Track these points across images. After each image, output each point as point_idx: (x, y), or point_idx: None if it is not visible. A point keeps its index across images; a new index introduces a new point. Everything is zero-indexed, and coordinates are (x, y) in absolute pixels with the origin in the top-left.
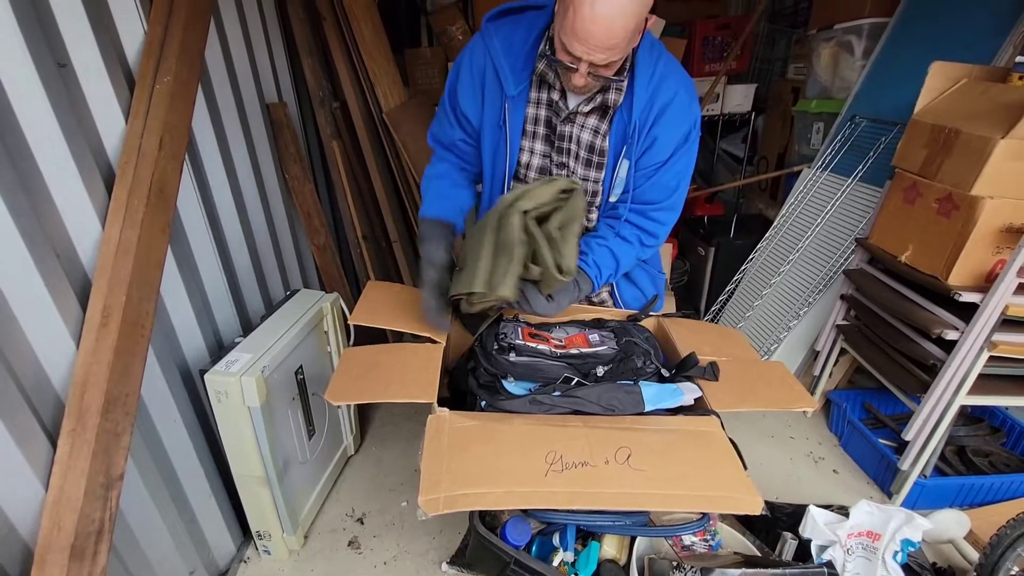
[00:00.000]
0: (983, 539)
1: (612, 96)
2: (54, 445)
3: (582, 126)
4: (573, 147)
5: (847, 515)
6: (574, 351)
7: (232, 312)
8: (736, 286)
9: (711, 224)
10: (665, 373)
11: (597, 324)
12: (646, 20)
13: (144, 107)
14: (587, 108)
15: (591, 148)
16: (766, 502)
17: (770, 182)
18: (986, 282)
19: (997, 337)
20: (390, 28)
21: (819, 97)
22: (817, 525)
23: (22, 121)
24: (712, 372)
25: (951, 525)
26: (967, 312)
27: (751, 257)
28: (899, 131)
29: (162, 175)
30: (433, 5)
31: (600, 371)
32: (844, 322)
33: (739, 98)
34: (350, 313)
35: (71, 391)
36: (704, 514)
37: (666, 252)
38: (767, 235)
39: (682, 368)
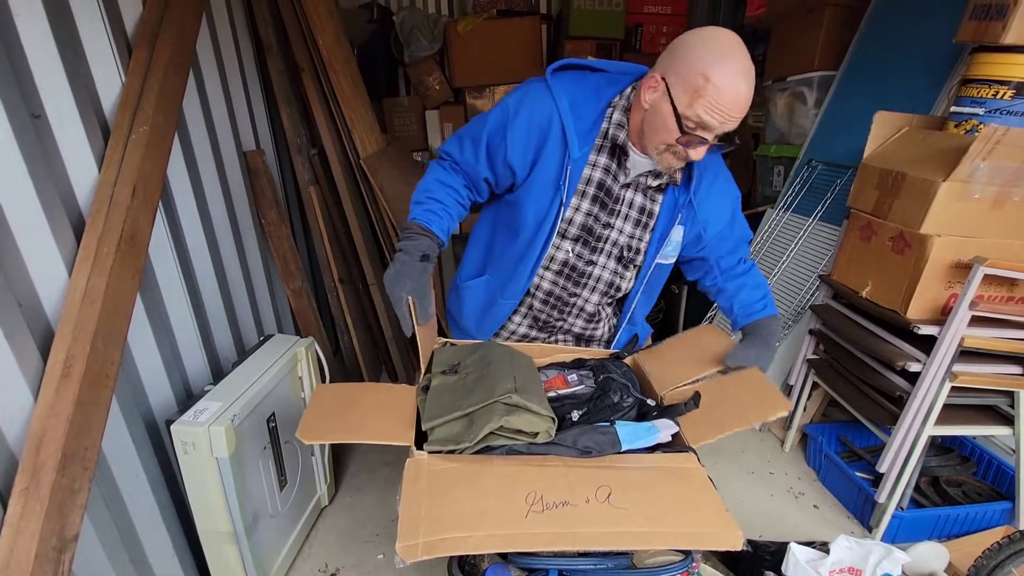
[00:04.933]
0: (962, 571)
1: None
2: (4, 506)
3: (642, 191)
4: (626, 209)
5: (828, 551)
6: (551, 394)
7: (203, 359)
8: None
9: None
10: (651, 403)
11: (577, 364)
12: None
13: (118, 156)
14: (655, 182)
15: (642, 210)
16: (749, 541)
17: None
18: (942, 315)
19: (957, 368)
20: (368, 78)
21: (778, 142)
22: (799, 563)
23: None
24: (695, 403)
25: (930, 558)
26: (927, 344)
27: None
28: (852, 174)
29: (134, 223)
30: (411, 57)
31: (575, 415)
32: (814, 356)
33: None
34: (324, 357)
35: (26, 446)
36: (687, 554)
37: None
38: None
39: (667, 413)
